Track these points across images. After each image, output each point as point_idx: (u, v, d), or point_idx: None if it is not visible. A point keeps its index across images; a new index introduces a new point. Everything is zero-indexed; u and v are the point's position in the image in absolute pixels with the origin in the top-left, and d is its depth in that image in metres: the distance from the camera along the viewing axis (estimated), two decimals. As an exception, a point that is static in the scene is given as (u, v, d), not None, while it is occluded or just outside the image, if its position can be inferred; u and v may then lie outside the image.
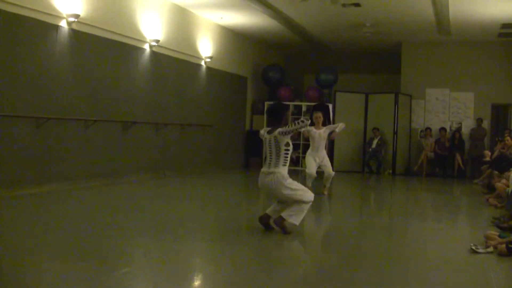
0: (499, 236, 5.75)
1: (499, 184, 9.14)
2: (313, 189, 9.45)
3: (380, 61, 18.00)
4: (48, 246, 5.26)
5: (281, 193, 5.93)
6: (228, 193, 10.47)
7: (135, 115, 10.95)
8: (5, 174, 8.07)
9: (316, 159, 9.93)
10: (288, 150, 5.95)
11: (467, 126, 15.78)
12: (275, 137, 5.91)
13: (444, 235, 7.07)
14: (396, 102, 15.52)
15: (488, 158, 12.57)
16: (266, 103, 16.71)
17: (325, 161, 10.03)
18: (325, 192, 10.08)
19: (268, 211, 6.16)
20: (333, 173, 10.14)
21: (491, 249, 5.49)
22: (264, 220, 6.08)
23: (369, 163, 15.72)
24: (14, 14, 8.12)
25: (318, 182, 10.30)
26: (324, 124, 10.24)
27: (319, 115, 10.07)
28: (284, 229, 5.89)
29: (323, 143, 10.04)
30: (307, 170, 9.94)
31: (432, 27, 13.91)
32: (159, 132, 11.83)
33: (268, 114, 6.23)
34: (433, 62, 16.08)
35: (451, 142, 15.33)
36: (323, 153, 10.03)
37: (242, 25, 14.49)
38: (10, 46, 8.12)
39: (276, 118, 6.06)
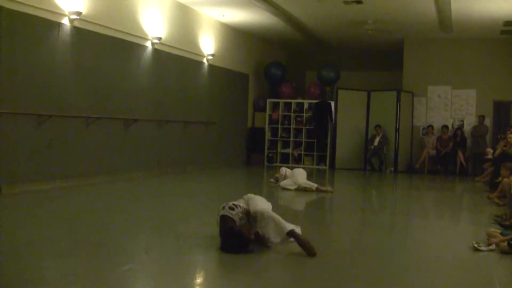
0: (501, 233, 5.74)
1: (507, 180, 9.02)
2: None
3: (382, 58, 17.97)
4: (50, 243, 5.27)
5: None
6: (230, 190, 10.47)
7: (137, 113, 10.95)
8: (7, 171, 8.08)
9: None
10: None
11: (469, 123, 15.76)
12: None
13: (446, 232, 7.06)
14: (398, 100, 15.49)
15: (490, 156, 12.56)
16: (268, 100, 16.75)
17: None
18: (323, 188, 10.18)
19: None
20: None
21: (493, 246, 5.49)
22: None
23: (371, 160, 15.71)
24: (16, 11, 8.12)
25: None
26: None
27: None
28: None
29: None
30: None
31: (434, 24, 13.89)
32: (161, 129, 11.83)
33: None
34: (435, 59, 16.05)
35: (453, 139, 15.31)
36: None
37: (244, 22, 14.48)
38: (12, 43, 8.12)
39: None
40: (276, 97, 16.91)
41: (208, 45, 13.64)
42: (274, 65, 16.74)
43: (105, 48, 10.04)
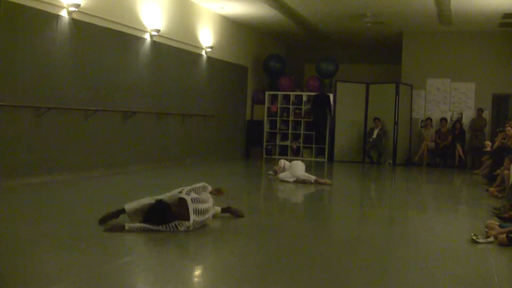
0: (500, 226, 5.76)
1: (508, 172, 8.97)
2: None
3: (381, 51, 17.95)
4: (49, 236, 5.27)
5: None
6: (228, 183, 10.47)
7: (136, 105, 10.94)
8: (5, 164, 8.08)
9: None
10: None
11: (468, 116, 15.77)
12: None
13: (445, 225, 7.08)
14: (397, 92, 15.49)
15: (488, 149, 12.57)
16: (267, 93, 16.74)
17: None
18: (322, 181, 10.19)
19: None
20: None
21: (491, 239, 5.51)
22: None
23: (370, 153, 15.73)
24: (14, 3, 8.09)
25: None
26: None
27: None
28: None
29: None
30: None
31: (433, 17, 13.87)
32: (159, 122, 11.82)
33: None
34: (434, 52, 16.04)
35: (451, 132, 15.32)
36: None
37: (242, 14, 14.44)
38: (10, 35, 8.09)
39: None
40: (275, 90, 16.90)
41: (206, 37, 13.61)
42: (273, 57, 16.72)
43: (104, 41, 10.01)
